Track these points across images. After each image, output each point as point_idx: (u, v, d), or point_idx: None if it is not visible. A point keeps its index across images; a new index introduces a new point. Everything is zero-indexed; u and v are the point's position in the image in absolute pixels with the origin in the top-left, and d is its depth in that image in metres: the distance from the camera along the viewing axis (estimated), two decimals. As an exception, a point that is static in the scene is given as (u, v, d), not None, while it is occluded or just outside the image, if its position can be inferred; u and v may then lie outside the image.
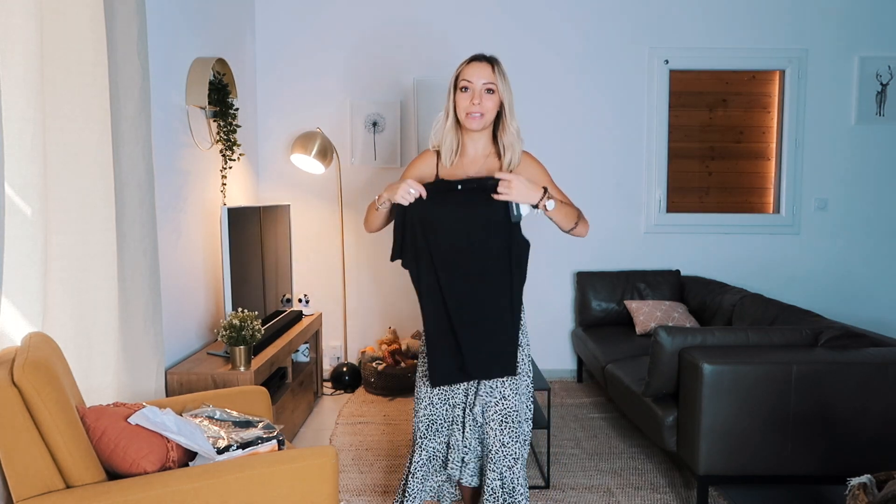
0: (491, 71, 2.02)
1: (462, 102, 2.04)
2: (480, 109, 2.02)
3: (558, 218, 2.07)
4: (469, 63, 2.06)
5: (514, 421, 2.11)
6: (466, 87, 2.03)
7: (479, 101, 2.01)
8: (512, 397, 2.12)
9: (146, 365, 2.51)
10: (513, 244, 2.04)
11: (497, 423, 2.11)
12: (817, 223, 4.63)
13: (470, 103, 2.02)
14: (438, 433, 2.21)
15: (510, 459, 2.11)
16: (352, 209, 4.56)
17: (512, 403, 2.11)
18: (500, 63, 2.06)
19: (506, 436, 2.11)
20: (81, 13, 2.07)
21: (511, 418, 2.11)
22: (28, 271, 1.89)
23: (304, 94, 4.50)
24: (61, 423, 1.59)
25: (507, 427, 2.11)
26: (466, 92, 2.03)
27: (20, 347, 1.71)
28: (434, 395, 2.19)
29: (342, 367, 4.39)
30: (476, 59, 2.05)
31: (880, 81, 4.52)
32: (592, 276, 4.45)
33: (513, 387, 2.12)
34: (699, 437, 2.53)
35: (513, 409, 2.11)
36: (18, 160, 1.85)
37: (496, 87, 2.02)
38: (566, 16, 4.49)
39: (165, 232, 2.97)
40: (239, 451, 1.91)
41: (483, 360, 2.06)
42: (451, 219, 2.02)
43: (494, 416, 2.11)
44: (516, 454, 2.13)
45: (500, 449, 2.11)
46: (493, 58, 2.06)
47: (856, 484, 2.02)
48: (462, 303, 2.04)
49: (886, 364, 2.53)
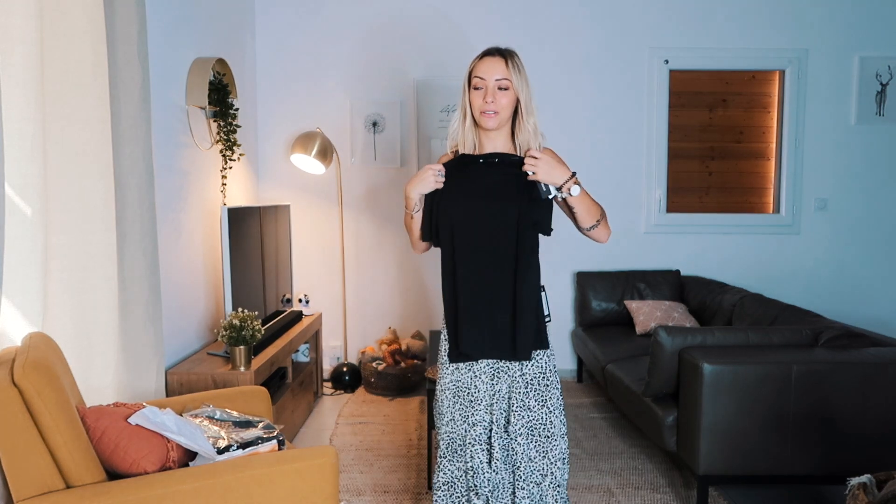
0: (505, 66, 1.90)
1: (476, 101, 1.92)
2: (495, 108, 1.90)
3: (581, 208, 1.93)
4: (482, 58, 1.93)
5: (541, 435, 1.95)
6: (479, 84, 1.91)
7: (492, 99, 1.90)
8: (537, 409, 1.95)
9: (146, 365, 2.50)
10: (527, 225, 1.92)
11: (524, 437, 1.94)
12: (817, 223, 4.63)
13: (483, 101, 1.90)
14: (456, 456, 2.00)
15: (538, 476, 1.94)
16: (352, 209, 4.56)
17: (537, 415, 1.95)
18: (515, 56, 1.93)
19: (532, 450, 1.95)
20: (81, 13, 2.07)
21: (538, 431, 1.95)
22: (28, 271, 1.89)
23: (304, 94, 4.50)
24: (61, 423, 1.59)
25: (535, 441, 1.95)
26: (480, 90, 1.91)
27: (20, 347, 1.71)
28: (455, 410, 2.00)
29: (342, 367, 4.39)
30: (489, 54, 1.93)
31: (880, 81, 4.52)
32: (592, 276, 4.45)
33: (538, 398, 1.95)
34: (699, 437, 2.53)
35: (539, 422, 1.95)
36: (18, 160, 1.85)
37: (511, 82, 1.90)
38: (566, 16, 4.49)
39: (165, 232, 2.97)
40: (239, 452, 1.91)
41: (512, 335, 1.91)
42: (472, 191, 1.94)
43: (521, 428, 1.94)
44: (545, 471, 1.95)
45: (527, 464, 1.94)
46: (507, 51, 1.93)
47: (856, 484, 2.02)
48: (480, 283, 1.93)
49: (886, 364, 2.53)
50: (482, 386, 1.97)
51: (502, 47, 1.94)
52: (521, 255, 1.92)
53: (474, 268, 1.93)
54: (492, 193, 1.93)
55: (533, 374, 1.97)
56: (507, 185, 1.93)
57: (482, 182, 1.95)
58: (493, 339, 1.93)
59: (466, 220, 1.93)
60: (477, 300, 1.93)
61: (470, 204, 1.93)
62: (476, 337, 1.94)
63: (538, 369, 1.97)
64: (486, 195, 1.93)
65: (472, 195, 1.94)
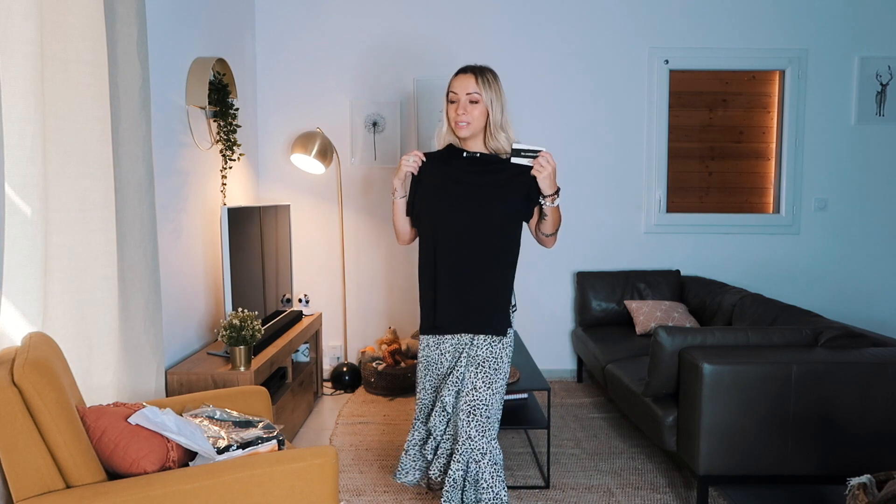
0: (474, 81, 2.17)
1: (451, 113, 2.22)
2: (466, 119, 2.18)
3: (552, 218, 2.23)
4: (456, 75, 2.22)
5: (482, 415, 2.18)
6: (453, 99, 2.21)
7: (463, 111, 2.18)
8: (483, 390, 2.20)
9: (146, 365, 2.50)
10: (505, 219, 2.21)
11: (465, 414, 2.19)
12: (817, 223, 4.63)
13: (455, 113, 2.19)
14: (424, 419, 2.36)
15: (477, 454, 2.18)
16: (352, 209, 4.56)
17: (482, 396, 2.19)
18: (487, 72, 2.20)
19: (472, 428, 2.18)
20: (81, 13, 2.07)
21: (479, 411, 2.18)
22: (28, 271, 1.89)
23: (305, 94, 4.50)
24: (61, 423, 1.59)
25: (475, 420, 2.18)
26: (454, 103, 2.21)
27: (20, 347, 1.71)
28: (426, 381, 2.34)
29: (342, 367, 4.39)
30: (462, 72, 2.22)
31: (880, 81, 4.52)
32: (592, 276, 4.45)
33: (486, 380, 2.21)
34: (699, 437, 2.53)
35: (482, 402, 2.19)
36: (18, 160, 1.85)
37: (480, 97, 2.17)
38: (566, 16, 4.49)
39: (165, 232, 2.97)
40: (239, 451, 1.91)
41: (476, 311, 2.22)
42: (456, 178, 2.23)
43: (463, 405, 2.20)
44: (483, 449, 2.18)
45: (465, 441, 2.19)
46: (479, 68, 2.21)
47: (856, 484, 2.02)
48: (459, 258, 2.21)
49: (886, 364, 2.53)
50: (445, 362, 2.29)
51: (477, 65, 2.24)
52: (497, 239, 2.21)
53: (454, 248, 2.21)
54: (473, 183, 2.21)
55: (484, 357, 2.23)
56: (486, 177, 2.21)
57: (464, 173, 2.24)
58: (466, 314, 2.22)
59: (450, 205, 2.21)
60: (454, 278, 2.21)
61: (453, 190, 2.22)
62: (452, 312, 2.22)
63: (490, 353, 2.23)
64: (468, 184, 2.21)
65: (455, 182, 2.22)
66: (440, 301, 2.22)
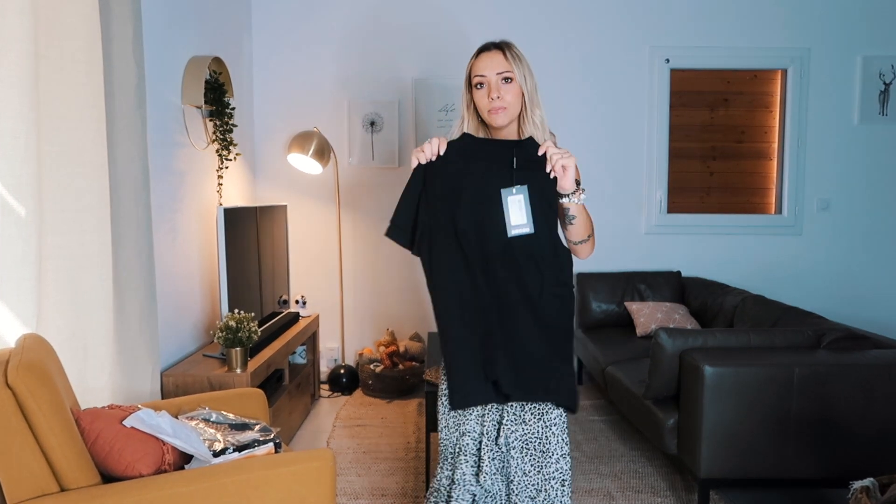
0: (504, 58, 1.79)
1: (481, 101, 1.81)
2: (502, 103, 1.78)
3: (580, 220, 1.82)
4: (478, 56, 1.83)
5: (536, 449, 1.80)
6: (481, 82, 1.80)
7: (497, 95, 1.78)
8: (533, 422, 1.81)
9: (141, 367, 2.49)
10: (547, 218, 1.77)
11: (518, 451, 1.80)
12: (819, 224, 4.62)
13: (489, 99, 1.79)
14: (447, 464, 1.91)
15: (532, 490, 1.80)
16: (349, 210, 4.54)
17: (533, 429, 1.80)
18: (512, 46, 1.83)
19: (527, 464, 1.80)
20: (75, 11, 2.05)
21: (533, 445, 1.80)
22: (22, 272, 1.87)
23: (302, 93, 4.48)
24: (56, 426, 1.58)
25: (529, 455, 1.80)
26: (482, 88, 1.80)
27: (14, 349, 1.69)
28: (449, 416, 1.90)
29: (339, 369, 4.37)
30: (484, 50, 1.83)
31: (883, 81, 4.50)
32: (592, 278, 4.43)
33: (534, 412, 1.81)
34: (700, 439, 2.51)
35: (534, 436, 1.80)
36: (12, 160, 1.83)
37: (513, 74, 1.79)
38: (566, 15, 4.47)
39: (161, 232, 2.95)
40: (235, 454, 1.90)
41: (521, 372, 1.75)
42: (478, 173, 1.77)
43: (514, 441, 1.81)
44: (539, 486, 1.80)
45: (521, 478, 1.80)
46: (503, 43, 1.83)
47: (858, 487, 2.01)
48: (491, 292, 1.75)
49: (889, 366, 2.51)
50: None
51: (497, 40, 1.85)
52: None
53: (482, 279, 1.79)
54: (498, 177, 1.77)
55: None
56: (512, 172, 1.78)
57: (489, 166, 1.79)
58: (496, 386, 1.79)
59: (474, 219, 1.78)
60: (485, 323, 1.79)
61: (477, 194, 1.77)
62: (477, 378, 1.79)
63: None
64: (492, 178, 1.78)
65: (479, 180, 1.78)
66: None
